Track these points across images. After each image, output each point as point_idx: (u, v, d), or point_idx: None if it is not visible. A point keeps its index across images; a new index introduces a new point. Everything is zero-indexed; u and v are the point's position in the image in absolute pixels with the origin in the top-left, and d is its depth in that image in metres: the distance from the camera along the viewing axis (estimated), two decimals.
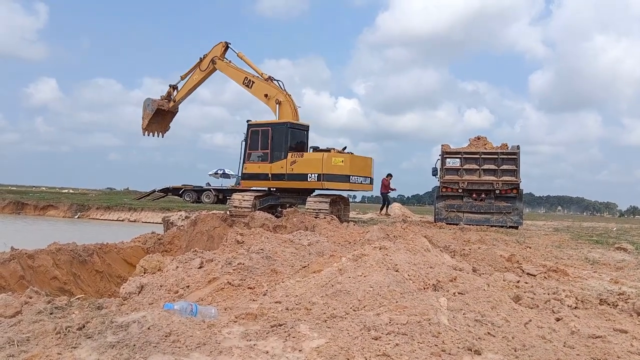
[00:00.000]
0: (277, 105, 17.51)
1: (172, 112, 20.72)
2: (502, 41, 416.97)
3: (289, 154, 16.52)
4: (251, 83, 18.21)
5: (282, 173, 16.46)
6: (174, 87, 20.22)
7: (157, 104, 19.95)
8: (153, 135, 20.76)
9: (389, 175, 22.77)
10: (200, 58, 19.43)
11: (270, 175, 16.77)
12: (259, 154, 17.26)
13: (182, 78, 20.04)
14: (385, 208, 23.24)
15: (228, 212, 16.48)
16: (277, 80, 17.97)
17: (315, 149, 17.01)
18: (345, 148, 17.20)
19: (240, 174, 17.85)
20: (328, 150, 16.62)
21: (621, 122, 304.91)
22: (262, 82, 17.99)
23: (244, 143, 17.61)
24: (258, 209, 15.73)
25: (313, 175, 15.93)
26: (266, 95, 17.69)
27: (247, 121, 17.83)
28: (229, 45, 19.19)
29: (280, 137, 16.77)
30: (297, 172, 16.24)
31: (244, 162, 17.40)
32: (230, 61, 19.04)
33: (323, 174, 15.83)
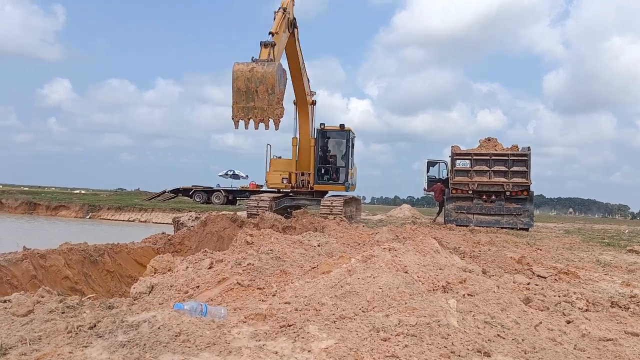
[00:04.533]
0: (312, 107, 16.79)
1: None
2: (518, 42, 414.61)
3: None
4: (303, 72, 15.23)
5: None
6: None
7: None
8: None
9: (441, 182, 20.04)
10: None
11: None
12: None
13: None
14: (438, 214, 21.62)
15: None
16: None
17: None
18: None
19: (347, 179, 16.92)
20: None
21: (636, 123, 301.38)
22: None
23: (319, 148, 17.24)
24: (274, 210, 15.82)
25: None
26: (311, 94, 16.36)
27: (341, 124, 17.11)
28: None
29: None
30: None
31: (347, 167, 17.03)
32: None
33: None
